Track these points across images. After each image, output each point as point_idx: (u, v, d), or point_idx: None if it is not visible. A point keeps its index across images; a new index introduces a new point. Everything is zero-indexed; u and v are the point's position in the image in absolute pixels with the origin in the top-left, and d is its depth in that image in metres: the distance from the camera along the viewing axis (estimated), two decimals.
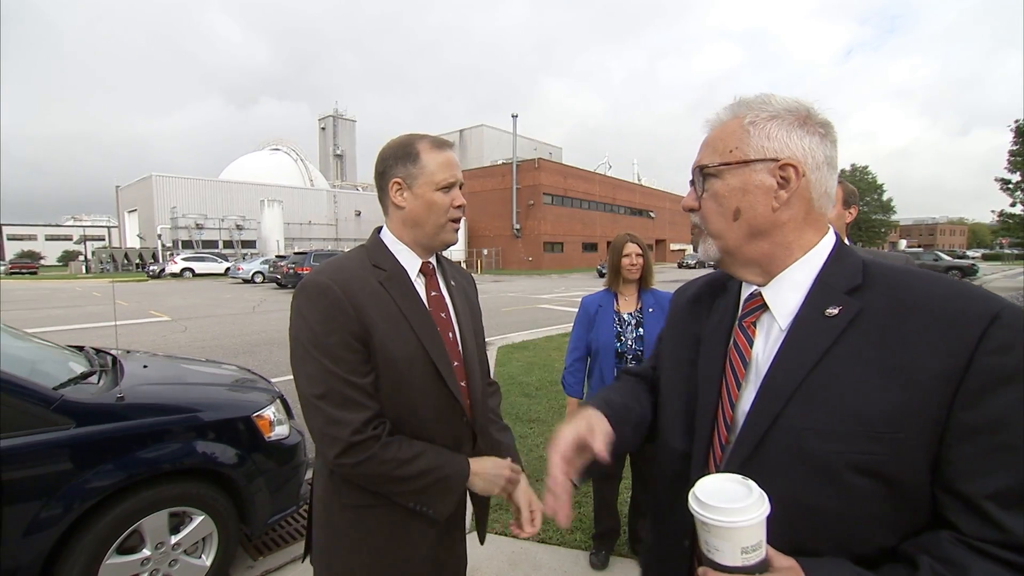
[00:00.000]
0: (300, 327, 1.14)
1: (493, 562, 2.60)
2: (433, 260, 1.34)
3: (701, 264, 46.00)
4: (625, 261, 2.39)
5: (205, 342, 9.10)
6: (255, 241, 42.53)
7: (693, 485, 0.69)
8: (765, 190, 0.76)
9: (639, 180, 64.72)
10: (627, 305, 2.45)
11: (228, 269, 31.16)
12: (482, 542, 1.48)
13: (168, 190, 43.62)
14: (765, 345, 0.80)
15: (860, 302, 0.71)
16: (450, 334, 1.29)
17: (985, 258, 38.62)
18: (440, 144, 1.25)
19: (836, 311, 0.72)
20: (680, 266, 46.66)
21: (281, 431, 2.60)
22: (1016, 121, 24.39)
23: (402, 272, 1.25)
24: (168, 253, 37.94)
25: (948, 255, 30.94)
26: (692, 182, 0.85)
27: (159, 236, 40.16)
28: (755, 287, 0.84)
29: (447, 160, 1.23)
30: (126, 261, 39.75)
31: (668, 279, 28.22)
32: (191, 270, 31.99)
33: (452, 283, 1.39)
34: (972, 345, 0.63)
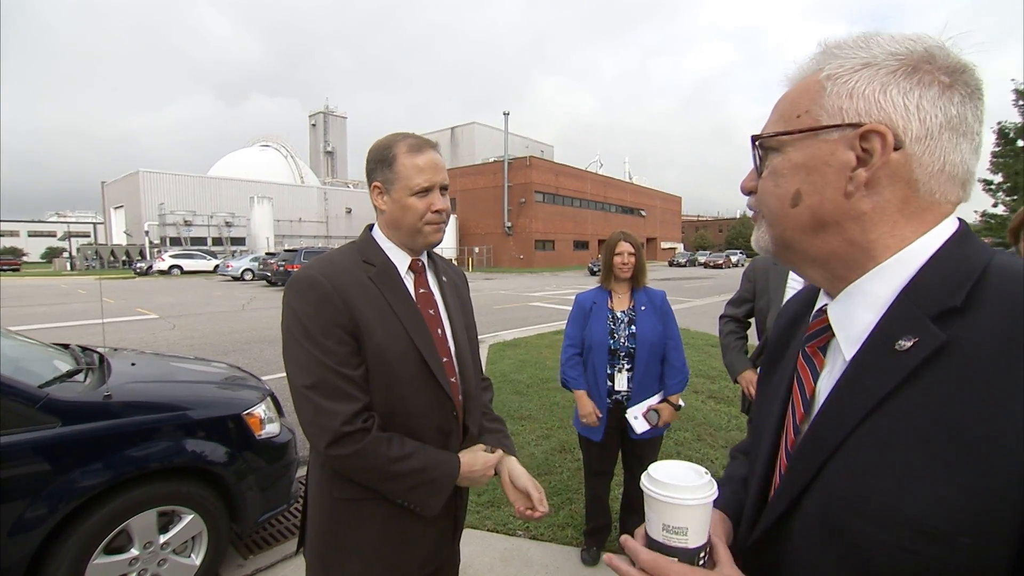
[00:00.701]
0: (291, 320, 1.16)
1: (485, 558, 2.60)
2: (424, 258, 1.35)
3: (691, 263, 46.33)
4: (617, 260, 2.40)
5: (194, 340, 8.99)
6: (244, 238, 42.14)
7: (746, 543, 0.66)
8: (838, 168, 0.56)
9: (630, 178, 64.98)
10: (620, 303, 2.46)
11: (217, 266, 30.87)
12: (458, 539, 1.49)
13: (156, 186, 43.11)
14: (829, 380, 0.61)
15: (948, 333, 0.50)
16: (439, 330, 1.30)
17: None
18: (419, 146, 1.23)
19: (909, 344, 0.51)
20: (671, 264, 46.90)
21: (272, 429, 2.58)
22: (998, 123, 24.80)
23: (392, 268, 1.26)
24: (156, 250, 37.50)
25: None
26: (753, 159, 0.67)
27: (146, 233, 39.70)
28: (826, 300, 0.65)
29: (425, 163, 1.22)
30: (112, 258, 39.21)
31: (658, 277, 28.39)
32: (179, 267, 31.64)
33: (444, 279, 1.40)
34: None
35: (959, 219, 0.58)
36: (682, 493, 0.64)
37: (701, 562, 0.65)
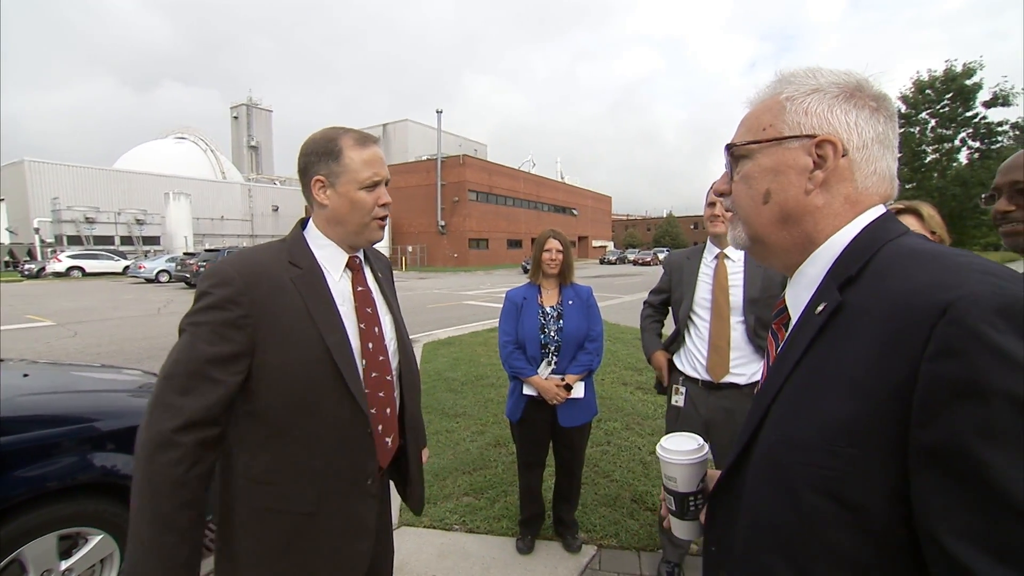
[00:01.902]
0: (195, 309, 1.11)
1: (422, 555, 2.60)
2: (360, 254, 1.33)
3: (621, 260, 47.99)
4: (546, 256, 2.49)
5: (101, 348, 8.25)
6: (159, 237, 39.09)
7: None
8: (799, 170, 0.69)
9: (562, 178, 66.23)
10: (549, 299, 2.55)
11: (127, 267, 28.32)
12: None
13: (47, 178, 38.85)
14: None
15: (844, 296, 0.63)
16: (376, 328, 1.29)
17: None
18: (364, 140, 1.23)
19: (822, 308, 0.65)
20: (602, 262, 48.38)
21: None
22: None
23: (317, 271, 1.22)
24: (49, 250, 33.88)
25: None
26: (726, 165, 0.80)
27: (36, 230, 35.64)
28: None
29: (372, 157, 1.21)
30: None
31: (590, 275, 29.23)
32: (80, 269, 28.68)
33: (380, 275, 1.40)
34: (917, 349, 0.51)
35: (887, 208, 0.71)
36: (668, 454, 0.90)
37: (692, 505, 0.89)
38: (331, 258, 1.26)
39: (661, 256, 46.84)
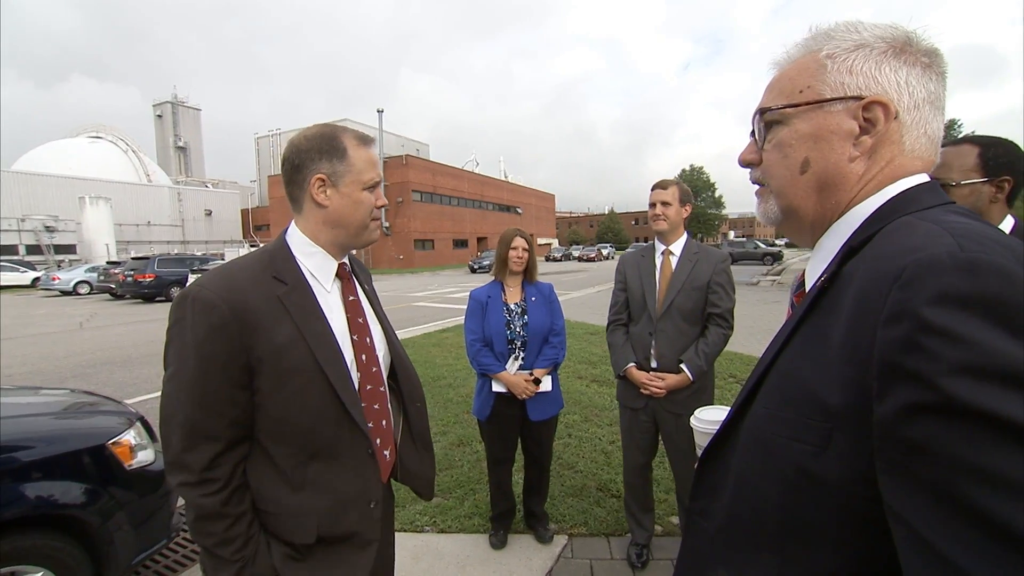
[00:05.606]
0: (176, 344, 1.05)
1: (396, 558, 2.55)
2: (348, 262, 1.28)
3: (567, 257, 48.77)
4: (512, 254, 2.52)
5: (13, 369, 7.50)
6: (75, 245, 35.95)
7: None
8: (843, 136, 0.63)
9: (506, 177, 66.47)
10: (513, 296, 2.58)
11: (38, 279, 25.85)
12: None
13: None
14: None
15: (844, 268, 0.59)
16: (367, 339, 1.25)
17: (787, 245, 46.62)
18: (366, 140, 1.20)
19: (823, 279, 0.61)
20: (547, 259, 49.01)
21: (144, 457, 2.28)
22: None
23: (304, 286, 1.16)
24: None
25: (763, 243, 36.92)
26: (752, 132, 0.72)
27: None
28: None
29: (373, 157, 1.19)
30: None
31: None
32: None
33: (366, 287, 1.36)
34: (876, 315, 0.48)
35: (929, 177, 0.64)
36: (703, 424, 1.07)
37: None
38: (320, 267, 1.20)
39: (605, 251, 47.99)
